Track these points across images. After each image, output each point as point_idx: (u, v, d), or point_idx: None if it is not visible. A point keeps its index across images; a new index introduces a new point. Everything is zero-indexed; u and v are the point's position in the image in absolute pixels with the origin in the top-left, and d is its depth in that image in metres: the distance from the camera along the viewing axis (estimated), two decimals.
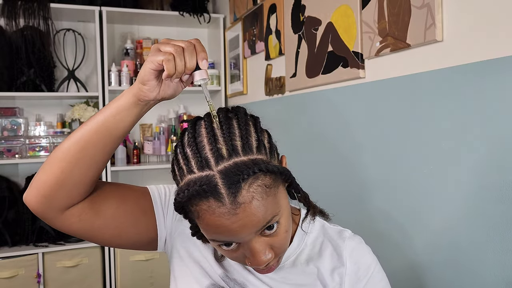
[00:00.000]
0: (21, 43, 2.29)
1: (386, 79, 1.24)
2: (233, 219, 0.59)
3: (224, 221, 0.59)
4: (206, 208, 0.59)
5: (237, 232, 0.60)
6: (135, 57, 2.64)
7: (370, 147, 1.32)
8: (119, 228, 0.73)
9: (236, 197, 0.58)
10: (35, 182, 0.67)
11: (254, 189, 0.59)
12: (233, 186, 0.58)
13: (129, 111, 0.66)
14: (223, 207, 0.58)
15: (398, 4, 1.16)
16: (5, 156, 2.37)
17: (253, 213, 0.59)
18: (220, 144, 0.61)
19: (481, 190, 0.95)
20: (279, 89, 1.87)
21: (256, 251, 0.62)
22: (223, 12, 2.67)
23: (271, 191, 0.61)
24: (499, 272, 0.91)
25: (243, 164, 0.59)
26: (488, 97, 0.93)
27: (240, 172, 0.58)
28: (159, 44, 0.63)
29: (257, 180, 0.60)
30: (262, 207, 0.60)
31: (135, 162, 2.63)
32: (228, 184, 0.58)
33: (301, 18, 1.67)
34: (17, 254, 2.24)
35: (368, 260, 0.75)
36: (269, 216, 0.61)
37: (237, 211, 0.58)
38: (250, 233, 0.61)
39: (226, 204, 0.58)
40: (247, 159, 0.61)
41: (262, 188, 0.60)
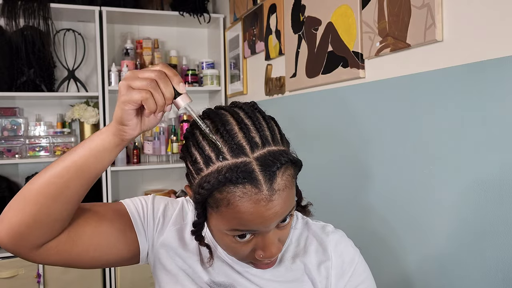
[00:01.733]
0: (21, 43, 2.29)
1: (386, 79, 1.24)
2: (269, 206, 0.60)
3: (260, 208, 0.59)
4: (241, 194, 0.59)
5: (269, 220, 0.61)
6: (135, 57, 2.64)
7: (370, 146, 1.32)
8: (98, 251, 0.70)
9: (272, 184, 0.60)
10: (7, 219, 0.63)
11: (285, 177, 0.62)
12: (270, 173, 0.59)
13: (111, 151, 0.63)
14: (260, 193, 0.59)
15: (398, 4, 1.16)
16: (5, 156, 2.37)
17: (285, 201, 0.61)
18: (252, 133, 0.62)
19: (481, 190, 0.95)
20: (279, 89, 1.87)
21: (271, 243, 0.64)
22: (223, 12, 2.67)
23: (294, 182, 0.65)
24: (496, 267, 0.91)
25: (276, 153, 0.61)
26: (488, 97, 0.93)
27: (276, 160, 0.60)
28: (128, 80, 0.59)
29: (287, 169, 0.62)
30: (291, 196, 0.63)
31: (135, 162, 2.63)
32: (264, 170, 0.59)
33: (301, 18, 1.67)
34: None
35: (351, 252, 0.78)
36: (292, 206, 0.64)
37: (273, 197, 0.60)
38: (277, 222, 0.62)
39: (263, 191, 0.59)
40: (277, 149, 0.63)
41: (291, 178, 0.63)
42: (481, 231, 0.95)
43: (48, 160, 2.39)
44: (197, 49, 2.88)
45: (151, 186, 2.78)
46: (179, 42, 2.83)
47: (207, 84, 2.62)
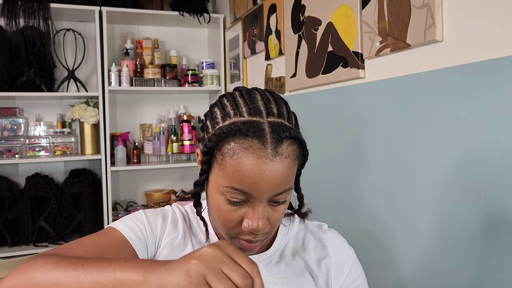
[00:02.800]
0: (21, 43, 2.29)
1: (386, 79, 1.24)
2: (269, 165, 0.62)
3: (261, 164, 0.62)
4: (247, 146, 0.62)
5: (266, 182, 0.62)
6: (135, 57, 2.64)
7: (370, 147, 1.32)
8: None
9: (277, 147, 0.63)
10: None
11: (290, 150, 0.65)
12: (278, 137, 0.63)
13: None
14: (264, 150, 0.62)
15: (398, 4, 1.16)
16: (5, 156, 2.37)
17: (285, 171, 0.63)
18: (272, 104, 0.67)
19: (482, 191, 0.95)
20: (279, 89, 1.87)
21: (260, 216, 0.64)
22: (223, 12, 2.67)
23: (296, 162, 0.66)
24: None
25: (288, 127, 0.66)
26: (488, 97, 0.93)
27: (286, 130, 0.64)
28: (209, 266, 0.47)
29: (293, 145, 0.65)
30: (291, 170, 0.65)
31: (135, 162, 2.63)
32: (273, 133, 0.63)
33: (301, 18, 1.67)
34: (17, 254, 2.23)
35: (348, 250, 0.81)
36: (289, 184, 0.65)
37: (275, 159, 0.62)
38: (272, 192, 0.63)
39: (268, 149, 0.62)
40: (289, 125, 0.67)
41: (294, 154, 0.66)
42: (483, 238, 0.95)
43: (48, 160, 2.40)
44: (197, 49, 2.88)
45: (151, 186, 2.78)
46: (179, 42, 2.83)
47: (207, 84, 2.62)
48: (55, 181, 2.48)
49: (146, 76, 2.56)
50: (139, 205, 2.68)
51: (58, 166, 2.59)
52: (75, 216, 2.42)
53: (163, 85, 2.57)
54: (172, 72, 2.61)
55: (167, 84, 2.59)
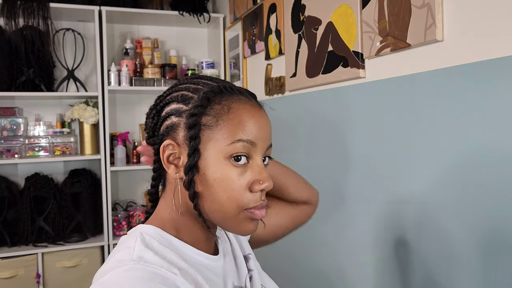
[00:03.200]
0: (21, 43, 2.29)
1: (386, 79, 1.24)
2: (261, 112, 0.67)
3: (256, 111, 0.66)
4: (238, 99, 0.65)
5: (265, 128, 0.66)
6: (135, 56, 2.63)
7: (370, 147, 1.31)
8: None
9: (256, 101, 0.69)
10: None
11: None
12: (253, 94, 0.69)
13: None
14: (250, 101, 0.67)
15: (398, 4, 1.16)
16: (5, 156, 2.36)
17: (268, 118, 0.68)
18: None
19: (482, 192, 0.95)
20: (279, 89, 1.87)
21: (264, 168, 0.66)
22: (223, 12, 2.66)
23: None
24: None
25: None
26: (488, 97, 0.93)
27: (252, 93, 0.70)
28: None
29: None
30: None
31: (135, 162, 2.62)
32: (249, 93, 0.69)
33: (301, 18, 1.67)
34: (16, 254, 2.23)
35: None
36: (271, 140, 0.69)
37: (261, 109, 0.68)
38: (269, 138, 0.67)
39: (253, 101, 0.67)
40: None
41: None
42: (482, 240, 0.95)
43: (47, 160, 2.40)
44: (197, 49, 2.87)
45: None
46: (179, 42, 2.83)
47: None
48: (55, 181, 2.48)
49: (146, 76, 2.56)
50: (139, 205, 2.68)
51: (57, 166, 2.59)
52: (75, 216, 2.42)
53: (162, 85, 2.57)
54: (172, 72, 2.61)
55: (167, 84, 2.58)
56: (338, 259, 1.48)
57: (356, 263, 1.39)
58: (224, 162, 0.63)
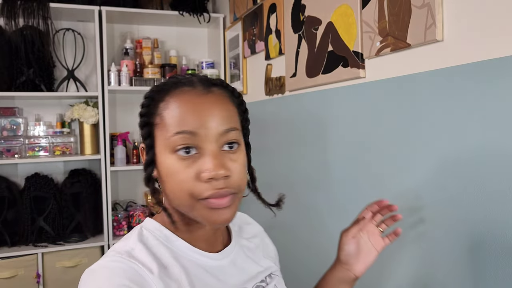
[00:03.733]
0: (21, 43, 2.29)
1: (386, 79, 1.24)
2: (203, 98, 0.64)
3: (196, 98, 0.64)
4: (180, 92, 0.65)
5: (207, 115, 0.63)
6: (135, 56, 2.63)
7: (370, 147, 1.31)
8: None
9: (208, 87, 0.66)
10: None
11: (222, 91, 0.67)
12: (207, 82, 0.67)
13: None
14: (193, 89, 0.65)
15: (398, 4, 1.16)
16: (5, 156, 2.36)
17: (222, 104, 0.65)
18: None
19: (482, 191, 0.95)
20: (279, 89, 1.87)
21: (215, 156, 0.63)
22: (223, 12, 2.66)
23: (234, 107, 0.68)
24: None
25: (220, 80, 0.70)
26: (488, 97, 0.93)
27: (215, 81, 0.68)
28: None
29: (226, 93, 0.68)
30: (229, 108, 0.66)
31: (135, 162, 2.62)
32: (203, 80, 0.67)
33: (301, 18, 1.67)
34: (16, 254, 2.23)
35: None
36: (233, 123, 0.66)
37: (208, 95, 0.65)
38: (217, 124, 0.63)
39: (198, 88, 0.66)
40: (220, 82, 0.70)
41: (229, 99, 0.68)
42: (480, 242, 0.95)
43: (47, 160, 2.39)
44: (197, 48, 2.87)
45: None
46: (179, 42, 2.83)
47: None
48: (55, 181, 2.48)
49: (146, 76, 2.56)
50: (139, 205, 2.68)
51: (57, 166, 2.59)
52: (75, 216, 2.41)
53: None
54: (172, 72, 2.61)
55: None
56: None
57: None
58: (171, 157, 0.64)
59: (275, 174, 1.85)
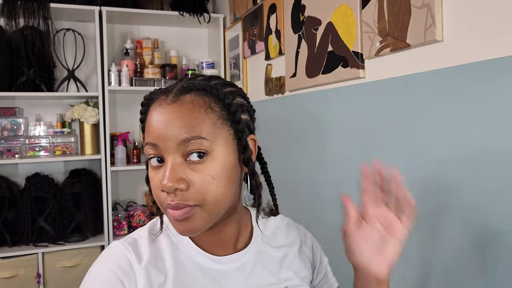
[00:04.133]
0: (21, 43, 2.29)
1: (386, 79, 1.24)
2: (168, 109, 0.64)
3: (161, 109, 0.64)
4: (157, 101, 0.66)
5: (166, 126, 0.63)
6: (135, 57, 2.64)
7: (370, 147, 1.32)
8: None
9: (180, 95, 0.65)
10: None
11: (197, 98, 0.65)
12: (184, 89, 0.66)
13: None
14: (166, 99, 0.65)
15: (398, 4, 1.16)
16: (5, 156, 2.37)
17: (186, 113, 0.63)
18: (200, 77, 0.72)
19: (483, 191, 0.95)
20: (279, 89, 1.87)
21: (168, 168, 0.63)
22: (223, 12, 2.67)
23: (211, 116, 0.65)
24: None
25: (201, 83, 0.67)
26: (488, 97, 0.93)
27: (197, 85, 0.66)
28: None
29: (204, 97, 0.66)
30: (195, 114, 0.64)
31: (135, 162, 2.63)
32: (181, 87, 0.66)
33: (301, 18, 1.67)
34: (17, 254, 2.24)
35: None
36: (197, 131, 0.63)
37: (174, 104, 0.64)
38: (174, 135, 0.62)
39: (169, 97, 0.65)
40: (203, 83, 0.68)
41: (204, 104, 0.65)
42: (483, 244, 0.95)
43: (48, 160, 2.40)
44: (197, 49, 2.88)
45: None
46: (179, 42, 2.83)
47: None
48: (55, 181, 2.48)
49: (146, 76, 2.56)
50: (139, 205, 2.68)
51: (58, 166, 2.59)
52: (75, 216, 2.42)
53: (163, 85, 2.57)
54: (172, 72, 2.61)
55: (167, 84, 2.59)
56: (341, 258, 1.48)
57: None
58: (149, 164, 0.67)
59: (274, 174, 1.85)
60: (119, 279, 0.66)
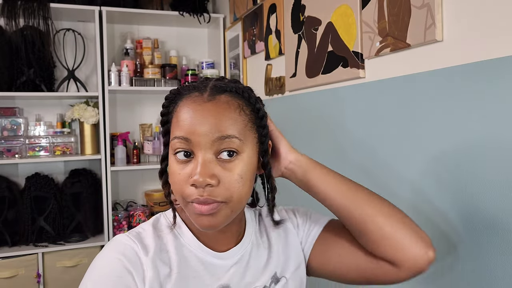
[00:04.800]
0: (21, 43, 2.29)
1: (386, 79, 1.24)
2: (203, 106, 0.66)
3: (196, 106, 0.66)
4: (187, 97, 0.68)
5: (202, 123, 0.64)
6: (135, 57, 2.64)
7: (370, 147, 1.32)
8: None
9: (215, 94, 0.67)
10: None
11: (231, 99, 0.68)
12: (218, 89, 0.68)
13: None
14: (201, 96, 0.67)
15: (398, 4, 1.16)
16: (5, 156, 2.37)
17: (222, 112, 0.66)
18: (225, 79, 0.74)
19: (482, 190, 0.95)
20: (279, 89, 1.87)
21: (200, 163, 0.64)
22: (223, 12, 2.67)
23: (242, 114, 0.68)
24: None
25: (234, 85, 0.70)
26: (488, 97, 0.93)
27: (230, 87, 0.69)
28: None
29: (237, 98, 0.68)
30: (232, 116, 0.66)
31: (135, 162, 2.63)
32: (214, 86, 0.68)
33: (301, 18, 1.67)
34: (17, 254, 2.24)
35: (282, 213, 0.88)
36: (232, 131, 0.65)
37: (210, 102, 0.66)
38: (210, 132, 0.64)
39: (204, 95, 0.67)
40: (237, 86, 0.71)
41: (238, 105, 0.68)
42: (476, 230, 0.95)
43: (48, 160, 2.40)
44: (197, 49, 2.88)
45: (151, 186, 2.78)
46: (179, 42, 2.83)
47: None
48: (55, 181, 2.48)
49: (146, 76, 2.56)
50: (139, 205, 2.68)
51: (58, 166, 2.60)
52: (75, 216, 2.42)
53: (163, 85, 2.57)
54: (172, 72, 2.61)
55: (167, 84, 2.59)
56: None
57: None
58: (172, 158, 0.68)
59: None
60: (127, 269, 0.66)
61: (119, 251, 0.68)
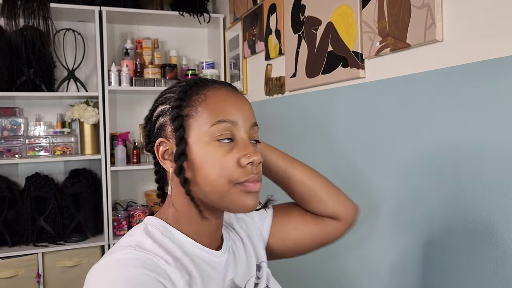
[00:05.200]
0: (21, 43, 2.29)
1: (386, 79, 1.24)
2: (237, 95, 0.72)
3: (233, 93, 0.71)
4: (213, 88, 0.70)
5: (243, 106, 0.70)
6: (135, 57, 2.64)
7: (370, 147, 1.32)
8: None
9: (234, 88, 0.74)
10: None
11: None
12: (232, 85, 0.74)
13: None
14: (227, 88, 0.72)
15: (398, 4, 1.16)
16: (5, 156, 2.37)
17: (247, 101, 0.73)
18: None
19: (482, 190, 0.95)
20: (279, 89, 1.87)
21: (251, 146, 0.69)
22: (223, 12, 2.67)
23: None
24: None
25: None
26: (488, 97, 0.93)
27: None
28: None
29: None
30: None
31: (135, 162, 2.63)
32: (225, 83, 0.73)
33: (301, 18, 1.67)
34: (17, 254, 2.24)
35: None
36: (255, 119, 0.72)
37: (239, 93, 0.73)
38: (251, 116, 0.71)
39: (229, 87, 0.72)
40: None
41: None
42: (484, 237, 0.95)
43: (48, 160, 2.40)
44: (197, 49, 2.88)
45: (151, 186, 2.78)
46: (179, 42, 2.83)
47: None
48: (55, 181, 2.48)
49: (146, 76, 2.56)
50: (139, 205, 2.68)
51: (58, 166, 2.60)
52: (75, 216, 2.42)
53: (163, 85, 2.57)
54: (172, 72, 2.61)
55: (167, 84, 2.58)
56: (341, 257, 1.49)
57: (362, 265, 1.39)
58: (211, 144, 0.67)
59: None
60: (158, 280, 0.60)
61: (138, 266, 0.61)
